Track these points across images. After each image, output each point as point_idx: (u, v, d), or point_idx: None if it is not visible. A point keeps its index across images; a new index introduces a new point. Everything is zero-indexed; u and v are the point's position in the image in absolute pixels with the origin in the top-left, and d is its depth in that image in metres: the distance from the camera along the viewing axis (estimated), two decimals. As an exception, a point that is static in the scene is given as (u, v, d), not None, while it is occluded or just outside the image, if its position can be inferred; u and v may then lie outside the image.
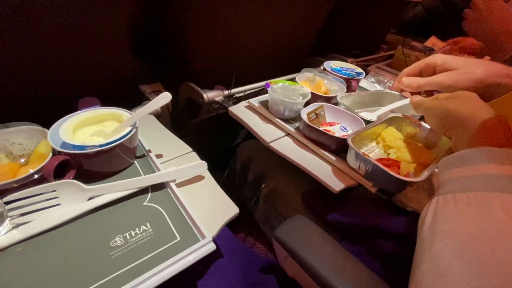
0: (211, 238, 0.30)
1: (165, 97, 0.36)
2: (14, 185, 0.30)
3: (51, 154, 0.33)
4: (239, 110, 0.57)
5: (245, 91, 0.71)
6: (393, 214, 0.45)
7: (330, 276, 0.32)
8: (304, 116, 0.48)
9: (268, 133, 0.52)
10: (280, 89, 0.53)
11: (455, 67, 0.45)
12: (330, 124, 0.53)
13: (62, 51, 0.46)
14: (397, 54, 1.00)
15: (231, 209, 0.36)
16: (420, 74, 0.51)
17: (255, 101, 0.58)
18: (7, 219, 0.29)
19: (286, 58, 0.89)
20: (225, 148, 0.98)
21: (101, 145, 0.34)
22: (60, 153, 0.33)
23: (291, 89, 0.54)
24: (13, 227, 0.29)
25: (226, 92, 0.68)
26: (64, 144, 0.34)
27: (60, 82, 0.50)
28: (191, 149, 0.45)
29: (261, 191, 0.59)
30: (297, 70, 0.67)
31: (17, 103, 0.47)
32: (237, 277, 0.39)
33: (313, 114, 0.51)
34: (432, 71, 0.49)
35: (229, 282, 0.37)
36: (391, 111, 0.53)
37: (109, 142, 0.34)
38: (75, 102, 0.53)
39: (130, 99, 0.65)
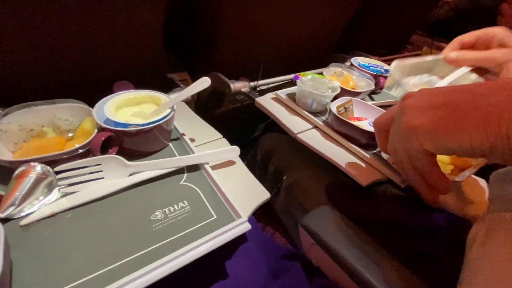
0: (247, 218, 0.31)
1: (204, 82, 0.37)
2: (65, 156, 0.32)
3: (96, 130, 0.35)
4: (266, 102, 0.58)
5: (270, 83, 0.72)
6: (419, 211, 0.45)
7: (359, 265, 0.32)
8: (333, 109, 0.48)
9: (295, 124, 0.52)
10: (309, 81, 0.54)
11: None
12: (358, 119, 0.53)
13: (105, 39, 0.49)
14: (424, 54, 0.98)
15: (263, 194, 0.37)
16: (475, 43, 0.47)
17: (282, 93, 0.58)
18: (56, 188, 0.31)
19: (311, 53, 0.89)
20: (243, 141, 0.99)
21: (142, 124, 0.35)
22: (104, 129, 0.35)
23: (321, 82, 0.54)
24: (62, 196, 0.31)
25: (252, 84, 0.69)
26: (108, 121, 0.35)
27: (100, 67, 0.53)
28: (221, 136, 0.47)
29: (283, 182, 0.60)
30: (321, 66, 0.67)
31: (62, 82, 0.49)
32: (264, 262, 0.40)
33: (342, 107, 0.51)
34: (488, 42, 0.45)
35: (257, 266, 0.38)
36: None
37: (149, 122, 0.36)
38: (109, 86, 0.56)
39: (158, 86, 0.67)
